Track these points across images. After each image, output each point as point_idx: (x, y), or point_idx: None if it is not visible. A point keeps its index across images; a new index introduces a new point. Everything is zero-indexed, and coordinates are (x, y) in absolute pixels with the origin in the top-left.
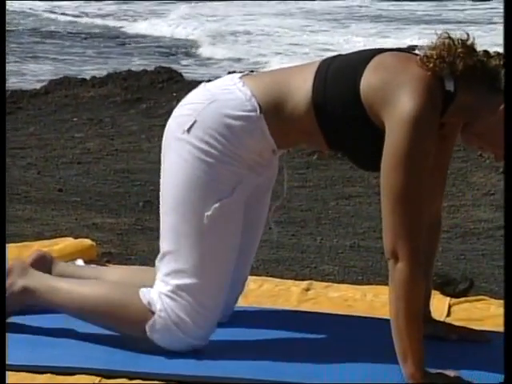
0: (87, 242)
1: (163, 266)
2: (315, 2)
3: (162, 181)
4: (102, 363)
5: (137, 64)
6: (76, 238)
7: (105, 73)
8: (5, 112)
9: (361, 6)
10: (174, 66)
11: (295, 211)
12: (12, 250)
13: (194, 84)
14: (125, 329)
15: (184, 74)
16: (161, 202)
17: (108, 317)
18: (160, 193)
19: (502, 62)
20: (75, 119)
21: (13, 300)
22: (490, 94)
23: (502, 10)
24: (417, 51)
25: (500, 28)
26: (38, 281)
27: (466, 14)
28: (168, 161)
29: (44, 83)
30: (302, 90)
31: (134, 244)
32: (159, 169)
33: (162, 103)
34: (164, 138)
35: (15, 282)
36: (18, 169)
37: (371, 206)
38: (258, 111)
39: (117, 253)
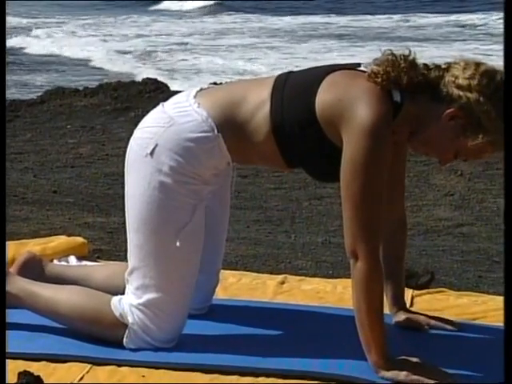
0: (79, 239)
1: (132, 280)
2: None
3: (126, 201)
4: (93, 352)
5: None
6: (69, 236)
7: (96, 83)
8: (4, 119)
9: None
10: None
11: (271, 211)
12: (10, 248)
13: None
14: (99, 336)
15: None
16: (126, 220)
17: (83, 325)
18: (125, 211)
19: (441, 73)
20: (69, 126)
21: None
22: (433, 103)
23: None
24: (362, 68)
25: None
26: (19, 287)
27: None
28: (131, 182)
29: (40, 93)
30: (260, 111)
31: (122, 241)
32: None
33: (149, 111)
34: (126, 159)
35: None
36: (15, 172)
37: (341, 206)
38: (215, 130)
39: (107, 249)
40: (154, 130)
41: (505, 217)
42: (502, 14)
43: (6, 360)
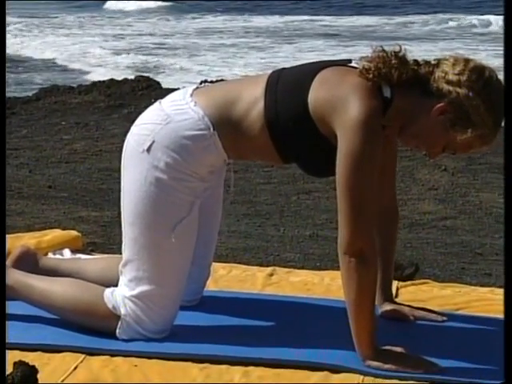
0: (74, 233)
1: (126, 272)
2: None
3: (122, 195)
4: (86, 342)
5: None
6: (64, 229)
7: (90, 81)
8: (4, 115)
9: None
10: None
11: (261, 205)
12: None
13: (170, 91)
14: (92, 327)
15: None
16: (122, 214)
17: (77, 316)
18: (121, 205)
19: (431, 69)
20: (63, 123)
21: None
22: (423, 98)
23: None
24: (353, 64)
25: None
26: (14, 278)
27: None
28: (128, 177)
29: (35, 91)
30: (254, 108)
31: (116, 235)
32: None
33: (141, 108)
34: (123, 154)
35: None
36: (11, 167)
37: (328, 200)
38: (212, 129)
39: (100, 243)
40: (151, 127)
41: (505, 216)
42: (486, 16)
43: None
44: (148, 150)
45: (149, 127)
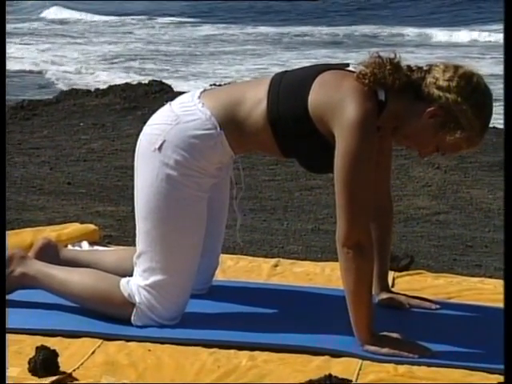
0: (91, 226)
1: (140, 263)
2: None
3: (135, 191)
4: (103, 328)
5: None
6: (82, 223)
7: (106, 85)
8: (5, 116)
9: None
10: None
11: (266, 200)
12: (28, 234)
13: (182, 94)
14: (109, 314)
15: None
16: (135, 209)
17: (94, 304)
18: (135, 201)
19: (423, 75)
20: (82, 124)
21: (13, 283)
22: (415, 102)
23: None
24: (351, 68)
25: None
26: (36, 268)
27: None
28: (140, 174)
29: (55, 94)
30: (258, 108)
31: (130, 228)
32: None
33: (155, 110)
34: (136, 153)
35: (15, 270)
36: (33, 165)
37: (329, 196)
38: (218, 128)
39: (116, 235)
40: (162, 127)
41: (505, 215)
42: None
43: (25, 335)
44: (159, 148)
45: (160, 127)
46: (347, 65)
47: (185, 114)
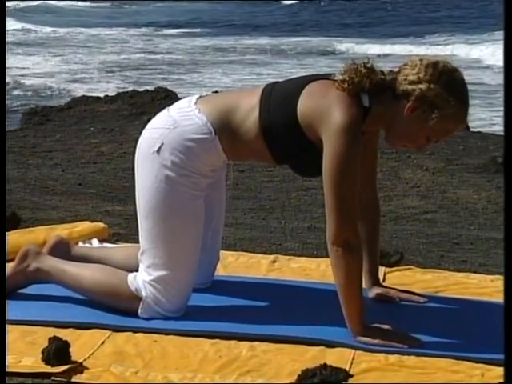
0: (101, 225)
1: (144, 259)
2: None
3: (136, 192)
4: (112, 320)
5: None
6: (92, 221)
7: (115, 92)
8: (5, 116)
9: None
10: None
11: (265, 200)
12: (41, 232)
13: None
14: (117, 307)
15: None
16: (137, 209)
17: (104, 298)
18: (136, 201)
19: (395, 76)
20: (92, 128)
21: (29, 278)
22: (395, 102)
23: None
24: (334, 77)
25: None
26: (50, 264)
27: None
28: (141, 176)
29: (67, 100)
30: (251, 116)
31: (137, 226)
32: None
33: None
34: (136, 156)
35: (30, 264)
36: (46, 167)
37: (324, 196)
38: (213, 133)
39: (124, 233)
40: (160, 131)
41: (505, 214)
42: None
43: (38, 327)
44: (158, 151)
45: (158, 131)
46: (333, 74)
47: (182, 118)
